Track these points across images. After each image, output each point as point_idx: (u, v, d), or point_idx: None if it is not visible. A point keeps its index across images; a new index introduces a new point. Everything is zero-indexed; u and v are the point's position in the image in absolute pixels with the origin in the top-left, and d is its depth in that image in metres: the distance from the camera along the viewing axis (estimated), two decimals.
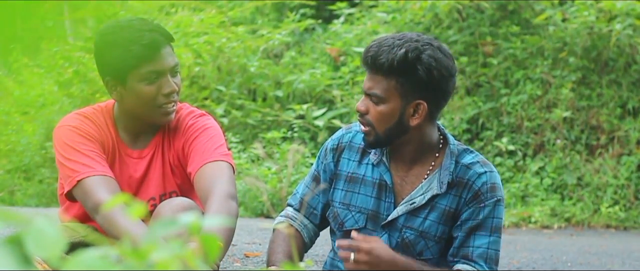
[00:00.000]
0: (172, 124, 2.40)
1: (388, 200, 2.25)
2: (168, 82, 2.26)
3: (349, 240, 2.11)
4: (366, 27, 9.54)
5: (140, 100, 2.27)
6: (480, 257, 2.19)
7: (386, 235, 2.26)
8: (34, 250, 0.75)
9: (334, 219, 2.34)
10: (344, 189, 2.31)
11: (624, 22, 8.23)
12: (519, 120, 8.39)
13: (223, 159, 2.29)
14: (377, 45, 2.11)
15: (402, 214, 2.24)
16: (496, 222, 2.21)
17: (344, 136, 2.35)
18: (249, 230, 5.19)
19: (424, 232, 2.23)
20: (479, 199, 2.19)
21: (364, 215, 2.28)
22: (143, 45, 2.21)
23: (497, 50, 8.71)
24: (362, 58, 2.15)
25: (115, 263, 0.77)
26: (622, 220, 7.60)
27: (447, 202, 2.22)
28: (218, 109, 8.88)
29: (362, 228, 2.28)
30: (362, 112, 2.15)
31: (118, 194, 2.19)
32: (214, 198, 2.16)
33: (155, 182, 2.39)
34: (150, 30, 2.23)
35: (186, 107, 2.44)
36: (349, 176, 2.31)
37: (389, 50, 2.08)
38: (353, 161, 2.31)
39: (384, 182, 2.26)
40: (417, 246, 2.23)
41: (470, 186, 2.20)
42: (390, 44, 2.09)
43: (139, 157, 2.39)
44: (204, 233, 0.84)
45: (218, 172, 2.25)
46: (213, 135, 2.35)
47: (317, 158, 2.42)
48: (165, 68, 2.25)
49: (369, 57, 2.11)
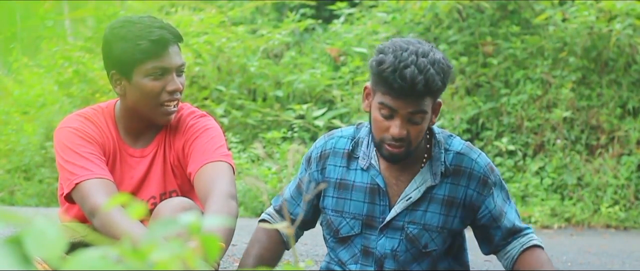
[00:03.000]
0: (173, 124, 2.40)
1: (382, 203, 2.25)
2: (173, 79, 2.26)
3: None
4: (366, 27, 9.54)
5: (144, 96, 2.27)
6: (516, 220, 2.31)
7: (384, 237, 2.26)
8: (34, 250, 0.75)
9: (328, 227, 2.34)
10: (334, 196, 2.31)
11: (624, 22, 8.23)
12: (519, 120, 8.39)
13: (223, 160, 2.29)
14: (408, 73, 2.03)
15: (401, 211, 2.24)
16: (506, 193, 2.33)
17: (327, 143, 2.34)
18: (249, 230, 5.16)
19: (427, 225, 2.24)
20: (487, 184, 2.25)
21: (358, 221, 2.28)
22: (152, 41, 2.22)
23: (497, 50, 8.71)
24: (390, 85, 2.06)
25: (115, 263, 0.77)
26: (622, 220, 7.60)
27: (444, 191, 2.24)
28: (218, 109, 8.88)
29: (358, 234, 2.28)
30: (404, 137, 2.11)
31: (117, 195, 2.18)
32: (214, 198, 2.16)
33: (156, 181, 2.39)
34: (160, 27, 2.25)
35: (187, 107, 2.44)
36: (338, 182, 2.30)
37: (420, 72, 2.04)
38: (340, 166, 2.30)
39: (375, 185, 2.25)
40: (421, 239, 2.25)
41: (471, 173, 2.24)
42: (418, 67, 2.04)
43: (140, 156, 2.39)
44: (204, 233, 0.84)
45: (218, 173, 2.25)
46: (213, 135, 2.35)
47: (301, 166, 2.41)
48: (171, 65, 2.26)
49: (408, 85, 2.03)
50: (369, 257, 2.28)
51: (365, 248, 2.28)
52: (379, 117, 2.12)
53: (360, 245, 2.29)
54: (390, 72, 2.04)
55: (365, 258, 2.29)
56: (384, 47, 2.12)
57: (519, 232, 2.32)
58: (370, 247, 2.27)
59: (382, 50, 2.11)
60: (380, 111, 2.11)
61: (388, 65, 2.05)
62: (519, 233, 2.31)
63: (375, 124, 2.15)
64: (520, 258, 2.31)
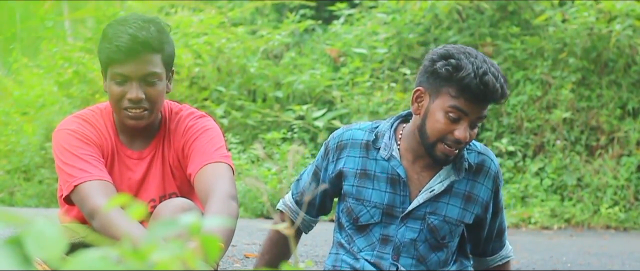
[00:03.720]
0: (172, 126, 2.39)
1: (403, 194, 2.33)
2: (133, 88, 2.24)
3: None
4: (366, 28, 9.54)
5: (111, 98, 2.29)
6: (505, 228, 2.52)
7: (404, 226, 2.34)
8: (34, 251, 0.75)
9: (348, 214, 2.39)
10: (355, 185, 2.37)
11: (623, 23, 8.23)
12: (518, 121, 8.40)
13: (223, 161, 2.29)
14: (489, 80, 2.15)
15: (424, 202, 2.32)
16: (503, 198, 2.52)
17: (345, 133, 2.41)
18: (249, 231, 5.19)
19: (447, 217, 2.34)
20: (497, 184, 2.40)
21: (379, 210, 2.35)
22: (117, 46, 2.21)
23: (497, 51, 8.71)
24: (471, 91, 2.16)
25: (116, 264, 0.77)
26: (622, 221, 7.60)
27: (465, 187, 2.36)
28: (218, 110, 8.88)
29: (378, 222, 2.35)
30: (465, 140, 2.21)
31: (117, 196, 2.18)
32: (215, 198, 2.16)
33: (155, 183, 2.38)
34: (133, 34, 2.21)
35: (186, 108, 2.44)
36: (358, 172, 2.36)
37: (498, 83, 2.16)
38: (358, 157, 2.37)
39: (396, 176, 2.33)
40: (441, 231, 2.35)
41: (487, 172, 2.37)
42: (493, 75, 2.16)
43: (139, 158, 2.38)
44: (204, 233, 0.84)
45: (218, 174, 2.25)
46: (213, 136, 2.34)
47: (319, 154, 2.48)
48: (131, 74, 2.22)
49: (489, 91, 2.16)
50: (387, 245, 2.35)
51: (384, 236, 2.35)
52: (444, 119, 2.20)
53: (378, 234, 2.36)
54: (472, 78, 2.14)
55: (382, 246, 2.35)
56: (447, 51, 2.21)
57: (504, 243, 2.55)
58: (389, 236, 2.35)
59: (449, 54, 2.20)
60: (448, 114, 2.19)
61: (469, 72, 2.15)
62: (504, 246, 2.55)
63: (437, 125, 2.21)
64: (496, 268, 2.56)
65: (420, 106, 2.25)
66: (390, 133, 2.35)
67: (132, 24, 2.23)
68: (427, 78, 2.23)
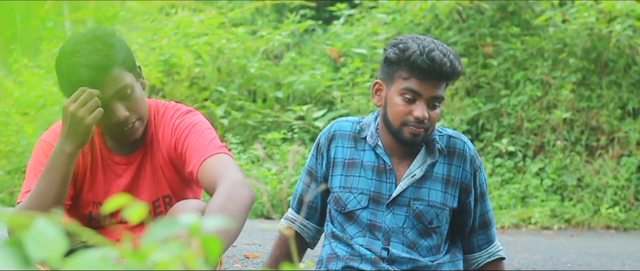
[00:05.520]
0: (159, 126, 2.34)
1: (389, 181, 2.38)
2: (114, 110, 2.20)
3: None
4: (366, 28, 9.54)
5: (100, 126, 2.28)
6: (491, 222, 2.50)
7: (390, 213, 2.37)
8: (35, 252, 0.75)
9: (336, 203, 2.43)
10: (343, 174, 2.42)
11: (624, 23, 8.23)
12: (519, 121, 8.39)
13: (221, 151, 2.25)
14: (436, 55, 2.23)
15: (407, 188, 2.37)
16: (487, 184, 2.51)
17: (333, 126, 2.48)
18: (249, 231, 5.18)
19: (431, 201, 2.38)
20: (475, 165, 2.43)
21: (366, 196, 2.39)
22: (78, 82, 2.15)
23: (497, 51, 8.71)
24: (419, 67, 2.24)
25: (115, 264, 0.77)
26: (622, 221, 7.60)
27: (443, 171, 2.40)
28: (218, 110, 8.87)
29: (365, 207, 2.39)
30: (425, 119, 2.26)
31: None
32: (223, 187, 2.12)
33: (146, 188, 2.35)
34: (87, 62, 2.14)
35: (171, 105, 2.38)
36: (346, 162, 2.42)
37: (446, 58, 2.24)
38: (347, 148, 2.43)
39: (382, 163, 2.38)
40: (427, 215, 2.38)
41: (462, 154, 2.41)
42: (441, 51, 2.25)
43: (127, 163, 2.35)
44: (204, 233, 0.84)
45: (221, 164, 2.21)
46: (203, 129, 2.30)
47: (310, 154, 2.50)
48: (104, 98, 2.17)
49: (437, 65, 2.23)
50: (376, 231, 2.39)
51: (371, 222, 2.39)
52: (401, 102, 2.28)
53: (366, 219, 2.39)
54: (418, 55, 2.22)
55: (371, 232, 2.39)
56: (397, 39, 2.31)
57: (491, 240, 2.52)
58: (377, 222, 2.38)
59: (398, 41, 2.30)
60: (403, 96, 2.27)
61: (414, 49, 2.24)
62: (491, 242, 2.52)
63: (396, 109, 2.29)
64: (485, 267, 2.52)
65: (380, 97, 2.35)
66: (375, 125, 2.42)
67: (81, 52, 2.15)
68: (382, 69, 2.35)
